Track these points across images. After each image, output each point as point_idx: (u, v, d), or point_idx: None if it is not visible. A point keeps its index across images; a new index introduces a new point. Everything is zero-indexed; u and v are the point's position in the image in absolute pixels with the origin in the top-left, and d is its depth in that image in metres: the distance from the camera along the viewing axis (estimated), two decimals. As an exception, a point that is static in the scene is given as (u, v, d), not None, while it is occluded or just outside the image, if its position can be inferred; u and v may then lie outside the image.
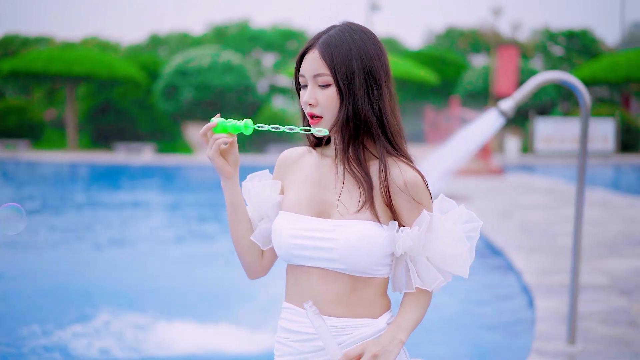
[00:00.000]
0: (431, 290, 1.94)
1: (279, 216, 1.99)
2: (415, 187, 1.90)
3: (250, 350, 5.56)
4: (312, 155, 2.04)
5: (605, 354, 4.60)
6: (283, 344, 2.00)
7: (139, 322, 6.13)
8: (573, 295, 4.69)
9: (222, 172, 1.97)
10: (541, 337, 4.98)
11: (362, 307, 1.93)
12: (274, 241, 1.98)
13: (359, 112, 1.88)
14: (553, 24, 46.53)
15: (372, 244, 1.87)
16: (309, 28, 51.79)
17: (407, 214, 1.91)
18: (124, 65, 30.11)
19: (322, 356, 1.93)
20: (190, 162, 26.18)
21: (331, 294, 1.92)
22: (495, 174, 18.53)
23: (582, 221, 4.70)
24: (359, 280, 1.92)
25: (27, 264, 8.81)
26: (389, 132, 1.92)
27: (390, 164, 1.91)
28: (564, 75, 4.59)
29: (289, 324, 1.99)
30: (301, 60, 1.94)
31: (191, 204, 15.15)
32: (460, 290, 6.99)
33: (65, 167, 24.47)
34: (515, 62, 28.41)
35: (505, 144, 29.26)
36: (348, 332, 1.91)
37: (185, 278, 8.13)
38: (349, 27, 1.93)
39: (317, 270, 1.93)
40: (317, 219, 1.93)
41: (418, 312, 1.92)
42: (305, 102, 1.92)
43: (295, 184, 2.01)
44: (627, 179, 22.69)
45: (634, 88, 35.84)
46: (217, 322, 6.15)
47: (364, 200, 1.89)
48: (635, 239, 9.07)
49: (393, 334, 1.86)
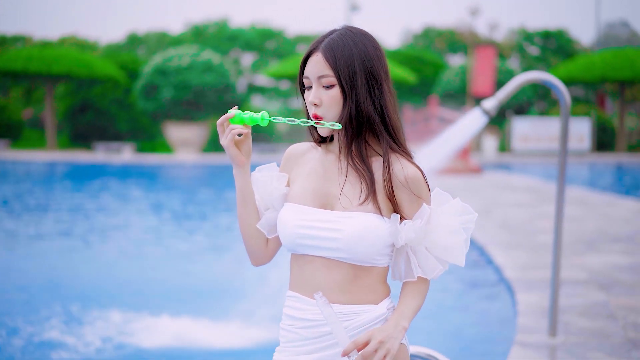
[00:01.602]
0: (430, 279, 2.06)
1: (285, 207, 2.10)
2: (415, 182, 2.02)
3: (240, 345, 5.66)
4: (317, 150, 2.15)
5: (586, 346, 4.75)
6: (288, 330, 2.10)
7: (124, 317, 6.20)
8: (554, 289, 4.83)
9: (235, 160, 2.07)
10: (523, 330, 5.12)
11: (364, 294, 2.04)
12: (280, 231, 2.08)
13: (361, 110, 2.00)
14: (529, 24, 46.98)
15: (374, 235, 1.99)
16: (288, 28, 51.84)
17: (408, 207, 2.03)
18: (103, 64, 30.03)
19: (326, 342, 2.04)
20: (171, 160, 26.19)
21: (334, 282, 2.03)
22: (473, 173, 18.74)
23: (562, 217, 4.84)
24: (360, 269, 2.03)
25: (11, 260, 8.85)
26: (390, 129, 2.04)
27: (393, 159, 2.03)
28: (545, 75, 4.72)
29: (294, 311, 2.09)
30: (305, 63, 2.06)
31: (175, 202, 15.19)
32: (441, 286, 7.13)
33: (47, 166, 24.38)
34: (493, 61, 28.70)
35: (483, 143, 29.56)
36: (351, 317, 2.03)
37: (171, 274, 8.21)
38: (349, 30, 2.05)
39: (320, 259, 2.04)
40: (321, 210, 2.04)
41: (418, 300, 2.04)
42: (311, 103, 2.04)
43: (301, 177, 2.12)
44: (602, 177, 23.03)
45: (608, 88, 36.33)
46: (205, 316, 6.25)
47: (366, 193, 2.01)
48: (612, 235, 9.27)
49: (397, 321, 1.97)
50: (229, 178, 18.57)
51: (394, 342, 1.92)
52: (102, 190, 17.30)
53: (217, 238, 11.02)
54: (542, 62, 40.14)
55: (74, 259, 9.10)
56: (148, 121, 31.33)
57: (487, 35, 39.58)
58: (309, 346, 2.06)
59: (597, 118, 31.50)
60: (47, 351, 5.44)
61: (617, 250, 8.20)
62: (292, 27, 78.06)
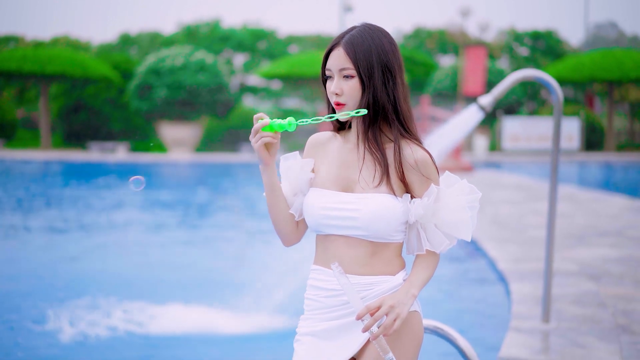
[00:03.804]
0: (439, 252, 2.29)
1: (310, 192, 2.33)
2: (424, 165, 2.25)
3: (245, 331, 5.88)
4: (337, 139, 2.38)
5: (578, 331, 4.99)
6: (312, 299, 2.34)
7: (130, 307, 6.40)
8: (547, 278, 5.07)
9: (262, 160, 2.29)
10: (518, 317, 5.35)
11: (382, 267, 2.27)
12: (306, 214, 2.32)
13: (377, 100, 2.24)
14: (519, 25, 47.43)
15: (389, 214, 2.22)
16: (280, 28, 51.95)
17: (418, 187, 2.26)
18: (97, 64, 30.14)
19: (347, 309, 2.26)
20: (165, 159, 26.36)
21: (355, 257, 2.26)
22: (465, 171, 19.01)
23: (555, 211, 5.07)
24: (378, 245, 2.26)
25: (19, 254, 9.04)
26: (401, 117, 2.27)
27: (403, 145, 2.26)
28: (539, 73, 4.96)
29: (318, 282, 2.32)
30: (327, 57, 2.29)
31: (174, 198, 15.36)
32: (438, 277, 7.35)
33: (43, 165, 24.54)
34: (483, 62, 28.99)
35: (474, 142, 29.85)
36: (370, 287, 2.26)
37: (171, 265, 8.43)
38: (367, 27, 2.28)
39: (343, 237, 2.27)
40: (342, 193, 2.28)
41: (428, 272, 2.27)
42: (332, 92, 2.27)
43: (324, 164, 2.36)
44: (591, 175, 23.37)
45: (597, 88, 36.67)
46: (210, 305, 6.47)
47: (380, 176, 2.24)
48: (600, 230, 9.53)
49: (407, 289, 2.20)
50: (222, 177, 18.67)
51: (404, 308, 2.14)
52: (101, 187, 17.50)
53: (220, 232, 11.22)
54: (532, 63, 40.43)
55: (76, 250, 9.29)
56: (142, 121, 31.46)
57: (477, 36, 39.87)
58: (331, 313, 2.29)
59: (586, 118, 31.84)
60: (59, 338, 5.64)
61: (606, 243, 8.46)
62: (283, 28, 78.21)
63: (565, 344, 4.71)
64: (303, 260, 6.85)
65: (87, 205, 14.05)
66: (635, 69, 31.08)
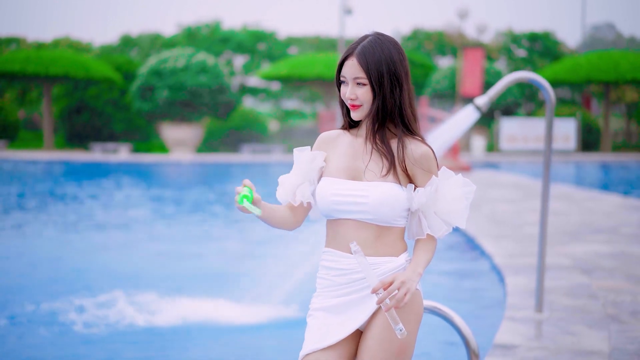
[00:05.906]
0: (437, 237, 2.57)
1: (322, 181, 2.62)
2: (426, 159, 2.56)
3: (249, 322, 6.15)
4: (347, 135, 2.68)
5: (569, 320, 5.26)
6: (324, 278, 2.62)
7: (140, 299, 6.66)
8: (540, 270, 5.34)
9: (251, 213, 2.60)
10: (512, 307, 5.63)
11: (386, 249, 2.57)
12: (319, 201, 2.60)
13: (386, 105, 2.55)
14: (516, 27, 47.73)
15: (394, 200, 2.52)
16: (279, 30, 52.22)
17: (420, 179, 2.56)
18: (99, 65, 30.38)
19: (355, 286, 2.55)
20: (167, 160, 26.62)
21: (362, 240, 2.55)
22: (463, 171, 19.27)
23: (547, 206, 5.34)
24: (383, 228, 2.55)
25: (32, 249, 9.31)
26: (405, 120, 2.58)
27: (407, 141, 2.57)
28: (532, 75, 5.24)
29: (329, 262, 2.61)
30: (341, 64, 2.58)
31: (178, 196, 15.61)
32: (436, 271, 7.63)
33: (48, 165, 24.80)
34: (481, 63, 29.27)
35: (472, 142, 30.12)
36: (376, 267, 2.55)
37: (178, 260, 8.69)
38: (378, 37, 2.58)
39: (352, 221, 2.56)
40: (351, 181, 2.57)
41: (429, 254, 2.56)
42: (347, 98, 2.57)
43: (335, 156, 2.65)
44: (587, 175, 23.67)
45: (594, 89, 36.96)
46: (215, 297, 6.75)
47: (387, 168, 2.54)
48: (593, 227, 9.81)
49: (414, 269, 2.49)
50: (224, 176, 18.83)
51: (412, 284, 2.43)
52: (107, 187, 17.75)
53: (224, 230, 11.47)
54: (529, 64, 40.73)
55: (87, 248, 9.54)
56: (143, 122, 31.71)
57: (475, 38, 40.13)
58: (341, 290, 2.58)
59: (583, 119, 32.11)
60: (68, 328, 5.89)
61: (599, 240, 8.73)
62: (283, 29, 78.74)
63: (557, 331, 4.98)
64: (308, 253, 7.14)
65: (90, 205, 14.29)
66: (632, 70, 31.34)
